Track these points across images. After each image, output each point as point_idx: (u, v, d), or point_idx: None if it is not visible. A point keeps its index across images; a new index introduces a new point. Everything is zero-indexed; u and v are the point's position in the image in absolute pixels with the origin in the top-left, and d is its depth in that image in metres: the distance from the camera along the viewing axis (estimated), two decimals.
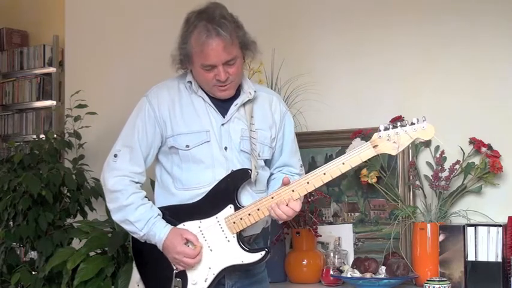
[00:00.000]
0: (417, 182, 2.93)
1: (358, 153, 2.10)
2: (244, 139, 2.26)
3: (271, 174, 2.40)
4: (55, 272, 3.20)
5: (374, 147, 2.08)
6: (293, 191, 2.14)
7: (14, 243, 3.66)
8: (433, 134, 2.07)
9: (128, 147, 2.26)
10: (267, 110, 2.36)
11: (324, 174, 2.11)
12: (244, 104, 2.30)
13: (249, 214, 2.16)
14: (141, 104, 2.30)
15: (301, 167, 2.43)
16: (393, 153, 2.09)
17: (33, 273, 3.46)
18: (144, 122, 2.27)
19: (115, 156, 2.26)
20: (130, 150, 2.26)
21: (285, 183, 2.15)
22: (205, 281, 2.18)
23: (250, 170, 2.22)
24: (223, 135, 2.25)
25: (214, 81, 2.20)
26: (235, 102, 2.28)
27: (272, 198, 2.15)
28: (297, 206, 2.14)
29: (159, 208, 2.25)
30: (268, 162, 2.37)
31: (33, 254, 3.86)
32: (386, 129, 2.07)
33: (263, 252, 2.17)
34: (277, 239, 3.00)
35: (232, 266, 2.18)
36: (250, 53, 2.27)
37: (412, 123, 2.06)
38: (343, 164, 2.10)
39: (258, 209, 2.16)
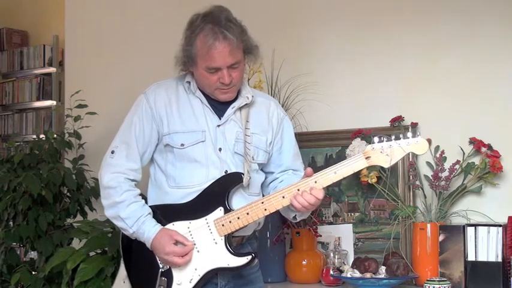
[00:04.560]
0: (417, 182, 2.93)
1: (350, 164, 2.12)
2: (238, 141, 2.28)
3: (276, 178, 2.40)
4: (55, 272, 3.19)
5: (366, 158, 2.11)
6: (283, 197, 2.16)
7: (14, 243, 3.66)
8: (427, 149, 2.12)
9: (125, 144, 2.27)
10: (263, 115, 2.36)
11: (315, 182, 2.14)
12: (241, 108, 2.31)
13: (238, 218, 2.17)
14: (138, 101, 2.32)
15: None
16: (385, 165, 2.11)
17: (33, 273, 3.46)
18: (141, 119, 2.28)
19: (112, 152, 2.28)
20: (127, 146, 2.27)
21: (308, 175, 2.15)
22: (190, 282, 2.18)
23: (243, 174, 2.23)
24: (218, 136, 2.26)
25: (218, 84, 2.21)
26: (232, 105, 2.29)
27: (262, 203, 2.16)
28: (320, 194, 2.12)
29: (150, 206, 2.26)
30: (264, 167, 2.38)
31: (33, 254, 3.86)
32: (380, 141, 2.10)
33: (249, 257, 2.18)
34: (277, 239, 3.00)
35: (218, 269, 2.19)
36: (252, 57, 2.28)
37: (407, 137, 2.09)
38: (335, 173, 2.12)
39: (248, 213, 2.16)
